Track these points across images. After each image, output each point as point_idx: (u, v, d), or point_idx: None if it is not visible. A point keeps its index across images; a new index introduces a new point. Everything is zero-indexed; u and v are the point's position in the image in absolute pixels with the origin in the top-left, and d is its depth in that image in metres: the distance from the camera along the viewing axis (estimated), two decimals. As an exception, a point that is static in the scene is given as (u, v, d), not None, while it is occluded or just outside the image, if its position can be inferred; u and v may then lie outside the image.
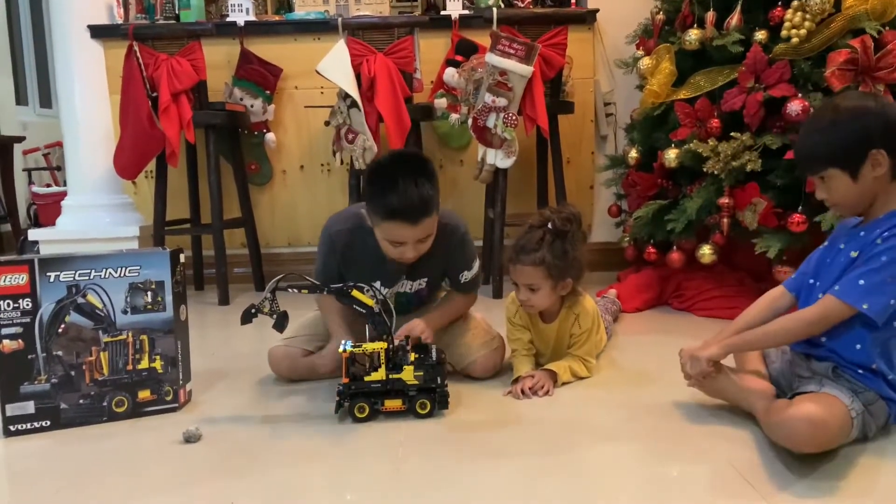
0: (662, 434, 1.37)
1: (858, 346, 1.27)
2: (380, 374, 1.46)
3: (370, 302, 1.47)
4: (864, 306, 1.22)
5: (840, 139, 1.26)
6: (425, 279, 1.70)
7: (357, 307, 1.48)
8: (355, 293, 1.47)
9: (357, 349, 1.46)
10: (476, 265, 1.72)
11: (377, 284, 1.64)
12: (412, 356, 1.50)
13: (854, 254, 1.29)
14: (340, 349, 1.47)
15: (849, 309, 1.24)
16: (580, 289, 1.71)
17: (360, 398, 1.46)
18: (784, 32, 2.11)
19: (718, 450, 1.27)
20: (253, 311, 1.46)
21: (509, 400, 1.58)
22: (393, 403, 1.47)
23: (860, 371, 1.27)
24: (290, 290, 1.48)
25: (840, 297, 1.25)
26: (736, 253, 2.42)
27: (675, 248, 2.40)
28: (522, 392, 1.58)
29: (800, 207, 2.04)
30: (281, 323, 1.50)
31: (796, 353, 1.40)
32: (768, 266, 2.18)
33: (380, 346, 1.46)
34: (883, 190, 1.28)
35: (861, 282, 1.23)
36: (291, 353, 1.74)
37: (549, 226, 1.61)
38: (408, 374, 1.46)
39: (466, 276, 1.70)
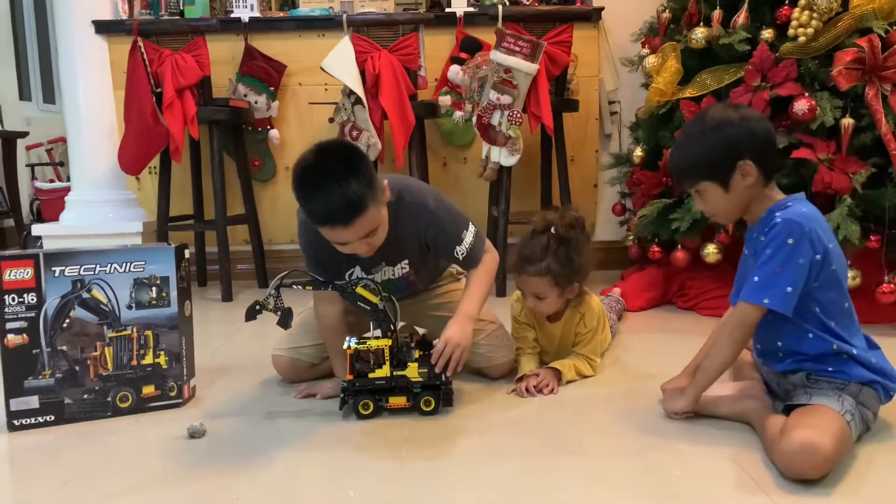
0: (665, 432, 1.36)
1: (811, 336, 1.28)
2: (384, 371, 1.46)
3: (374, 299, 1.47)
4: (766, 301, 1.25)
5: (708, 153, 1.29)
6: (406, 261, 1.58)
7: (361, 304, 1.47)
8: (360, 290, 1.47)
9: (361, 346, 1.46)
10: (468, 233, 1.55)
11: (356, 269, 1.56)
12: (416, 353, 1.50)
13: (753, 259, 1.32)
14: (345, 346, 1.46)
15: (756, 308, 1.27)
16: (586, 288, 1.70)
17: (364, 395, 1.46)
18: (791, 31, 2.10)
19: (721, 447, 1.27)
20: (257, 307, 1.46)
21: (513, 398, 1.58)
22: (397, 400, 1.47)
23: (830, 369, 1.27)
24: (294, 286, 1.48)
25: (745, 299, 1.28)
26: (741, 252, 2.41)
27: (679, 246, 2.39)
28: (527, 390, 1.58)
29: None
30: (285, 320, 1.49)
31: (773, 371, 1.40)
32: (773, 265, 2.17)
33: (384, 343, 1.46)
34: (757, 196, 1.31)
35: (756, 279, 1.26)
36: (298, 368, 1.70)
37: (553, 231, 1.59)
38: (412, 372, 1.46)
39: (461, 250, 1.53)
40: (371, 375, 1.46)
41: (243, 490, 1.16)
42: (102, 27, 3.00)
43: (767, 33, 2.16)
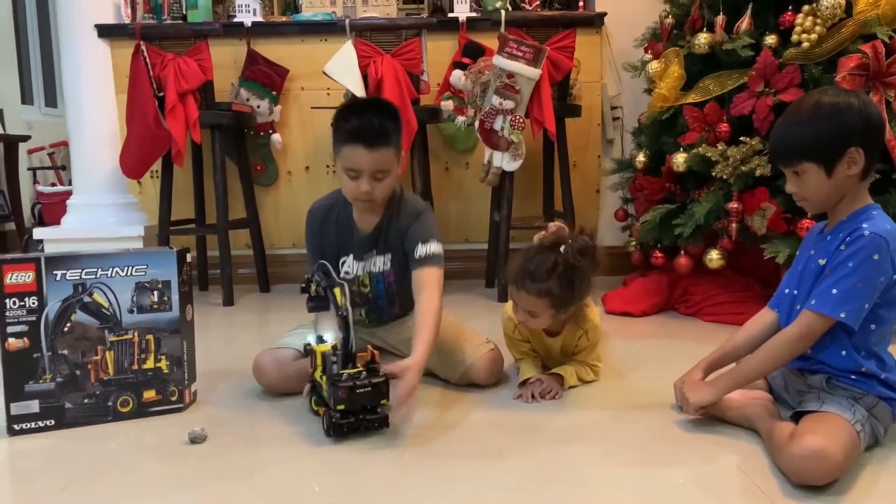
0: (669, 439, 1.35)
1: (844, 353, 1.27)
2: (318, 374, 1.45)
3: (341, 302, 1.39)
4: (842, 315, 1.22)
5: (820, 133, 1.25)
6: (389, 255, 1.67)
7: (333, 305, 1.41)
8: (336, 290, 1.40)
9: (317, 346, 1.46)
10: (436, 244, 1.63)
11: (349, 258, 1.68)
12: (349, 371, 1.37)
13: (822, 261, 1.29)
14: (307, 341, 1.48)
15: (828, 320, 1.24)
16: (586, 302, 1.67)
17: (314, 392, 1.48)
18: (794, 37, 2.10)
19: (726, 455, 1.26)
20: (302, 285, 1.50)
21: (515, 404, 1.57)
22: (320, 407, 1.45)
23: (853, 377, 1.26)
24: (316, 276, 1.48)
25: (817, 309, 1.25)
26: (744, 258, 2.40)
27: (682, 252, 2.38)
28: (532, 396, 1.57)
29: (809, 213, 2.02)
30: (317, 305, 1.48)
31: (790, 369, 1.40)
32: (776, 272, 2.16)
33: (324, 348, 1.43)
34: (851, 189, 1.28)
35: (834, 291, 1.23)
36: (280, 358, 1.63)
37: (562, 252, 1.49)
38: (325, 382, 1.41)
39: (424, 248, 1.59)
40: (316, 374, 1.46)
41: (245, 495, 1.15)
42: (105, 31, 3.00)
43: (771, 39, 2.16)
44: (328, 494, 1.16)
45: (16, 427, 1.43)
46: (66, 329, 1.44)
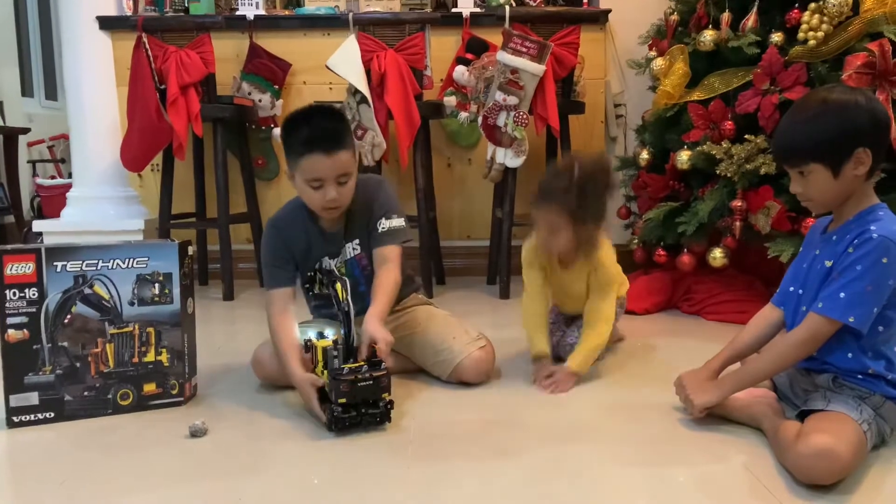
0: (674, 438, 1.34)
1: (850, 355, 1.25)
2: (318, 369, 1.44)
3: (343, 297, 1.42)
4: (851, 319, 1.21)
5: (827, 134, 1.22)
6: (357, 240, 1.66)
7: (334, 300, 1.44)
8: (338, 286, 1.43)
9: (318, 341, 1.45)
10: (400, 219, 1.64)
11: (326, 259, 1.66)
12: (351, 365, 1.37)
13: (829, 263, 1.27)
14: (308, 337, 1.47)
15: (835, 324, 1.23)
16: (601, 236, 1.69)
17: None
18: (801, 35, 2.09)
19: (732, 454, 1.26)
20: (308, 274, 1.54)
21: (518, 402, 1.56)
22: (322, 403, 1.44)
23: (860, 377, 1.25)
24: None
25: (825, 313, 1.23)
26: (747, 257, 2.39)
27: (685, 250, 2.37)
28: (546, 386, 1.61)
29: (813, 213, 2.01)
30: (320, 303, 1.54)
31: (796, 368, 1.38)
32: (780, 270, 2.14)
33: (324, 343, 1.42)
34: (858, 189, 1.26)
35: (842, 294, 1.21)
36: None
37: (576, 171, 1.57)
38: (325, 377, 1.40)
39: (386, 224, 1.62)
40: (317, 371, 1.45)
41: (246, 489, 1.14)
42: (107, 23, 2.98)
43: (777, 36, 2.15)
44: (329, 488, 1.15)
45: (15, 419, 1.42)
46: (66, 321, 1.43)
